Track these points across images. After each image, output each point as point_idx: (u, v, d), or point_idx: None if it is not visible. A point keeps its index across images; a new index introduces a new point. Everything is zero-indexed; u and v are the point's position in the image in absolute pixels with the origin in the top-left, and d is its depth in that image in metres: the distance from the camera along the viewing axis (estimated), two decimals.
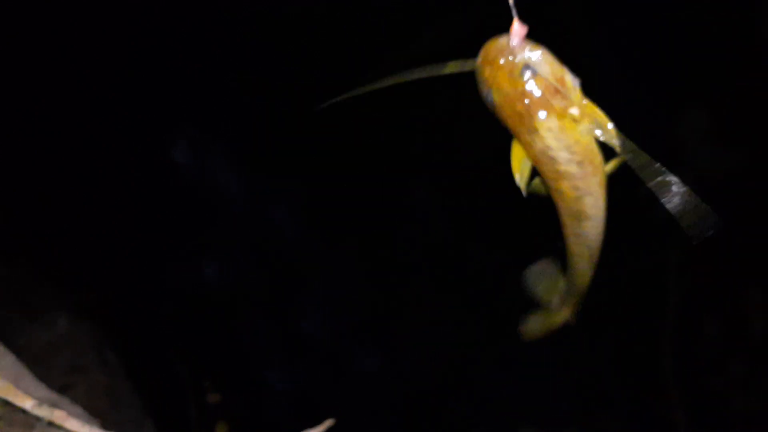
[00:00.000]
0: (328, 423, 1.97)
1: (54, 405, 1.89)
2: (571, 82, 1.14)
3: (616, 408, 4.16)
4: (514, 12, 1.08)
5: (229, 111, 4.92)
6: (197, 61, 4.71)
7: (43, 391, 2.13)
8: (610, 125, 1.16)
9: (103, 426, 2.02)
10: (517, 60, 1.10)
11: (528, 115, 1.14)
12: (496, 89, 1.14)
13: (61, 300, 3.95)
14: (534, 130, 1.16)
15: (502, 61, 1.11)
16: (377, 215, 4.68)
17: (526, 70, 1.10)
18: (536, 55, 1.10)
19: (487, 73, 1.14)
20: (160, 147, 4.86)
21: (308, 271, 4.87)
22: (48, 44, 4.31)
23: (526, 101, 1.12)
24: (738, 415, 3.80)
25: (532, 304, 1.83)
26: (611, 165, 1.26)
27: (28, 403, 1.83)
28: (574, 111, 1.14)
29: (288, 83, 4.73)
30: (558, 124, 1.14)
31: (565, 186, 1.24)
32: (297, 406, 4.61)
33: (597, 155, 1.22)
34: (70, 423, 1.86)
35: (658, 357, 3.74)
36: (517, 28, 1.09)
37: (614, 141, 1.17)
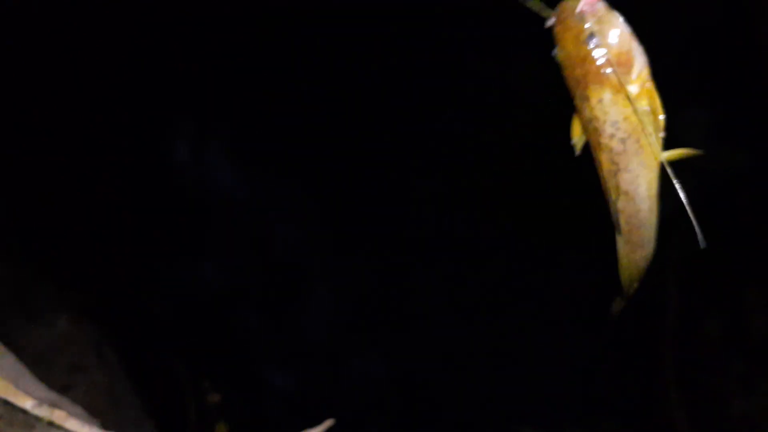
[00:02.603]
0: (328, 423, 1.97)
1: (54, 405, 1.89)
2: (638, 60, 1.14)
3: (617, 408, 4.17)
4: None
5: (228, 109, 4.93)
6: (195, 60, 4.72)
7: (43, 391, 2.13)
8: (661, 116, 1.16)
9: (103, 426, 2.02)
10: (587, 25, 1.09)
11: (584, 82, 1.14)
12: (562, 48, 1.15)
13: (61, 300, 3.95)
14: (585, 98, 1.16)
15: (572, 22, 1.10)
16: (378, 215, 4.69)
17: (591, 38, 1.10)
18: (608, 25, 1.10)
19: (558, 31, 1.13)
20: (159, 147, 4.87)
21: (308, 270, 4.88)
22: (46, 43, 4.32)
23: (585, 68, 1.11)
24: (738, 416, 3.81)
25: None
26: (673, 153, 1.26)
27: (28, 403, 1.83)
28: (632, 89, 1.14)
29: (287, 82, 4.75)
30: (610, 98, 1.15)
31: (604, 158, 1.24)
32: (297, 406, 4.62)
33: (655, 142, 1.23)
34: (71, 423, 1.86)
35: (659, 357, 3.76)
36: None
37: (659, 133, 1.18)
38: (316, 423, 1.96)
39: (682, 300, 3.67)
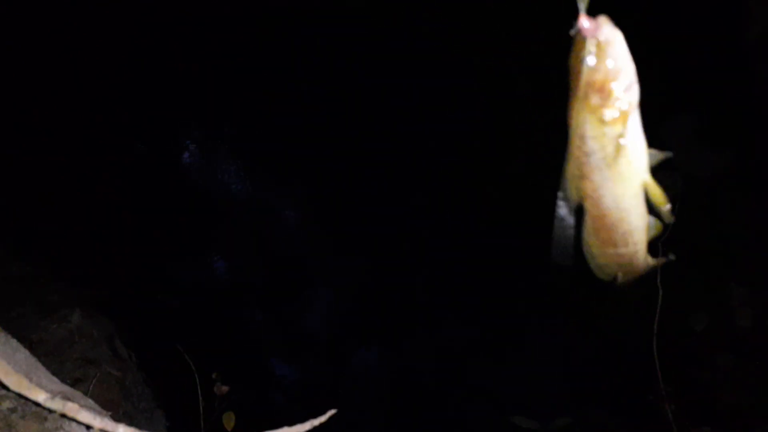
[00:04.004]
0: (331, 413, 2.02)
1: (66, 398, 1.91)
2: (624, 89, 1.22)
3: (607, 400, 4.23)
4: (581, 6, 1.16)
5: (235, 112, 5.00)
6: (204, 64, 4.79)
7: (56, 384, 2.17)
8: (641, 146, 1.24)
9: (114, 417, 2.06)
10: (588, 45, 1.18)
11: (574, 92, 1.23)
12: (571, 55, 1.22)
13: (73, 296, 4.06)
14: (571, 106, 1.25)
15: (582, 39, 1.18)
16: (379, 215, 4.76)
17: (587, 58, 1.18)
18: (604, 51, 1.18)
19: (575, 39, 1.20)
20: (168, 148, 4.95)
21: (312, 267, 4.97)
22: (47, 43, 4.40)
23: (575, 82, 1.21)
24: (725, 407, 3.87)
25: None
26: (654, 226, 1.36)
27: (41, 396, 1.86)
28: (607, 113, 1.22)
29: (288, 82, 4.82)
30: (587, 116, 1.23)
31: (571, 163, 1.31)
32: (301, 397, 4.72)
33: (624, 163, 1.28)
34: (82, 415, 1.88)
35: (648, 351, 3.80)
36: (600, 20, 1.15)
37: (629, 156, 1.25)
38: (319, 413, 2.00)
39: (669, 295, 3.72)
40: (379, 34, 4.54)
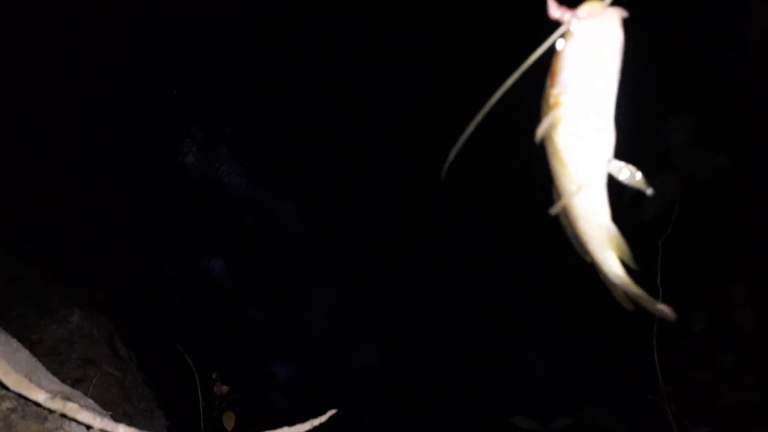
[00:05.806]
0: (331, 413, 2.03)
1: (67, 398, 1.91)
2: (564, 78, 1.15)
3: (607, 400, 4.24)
4: None
5: (235, 112, 5.01)
6: (204, 64, 4.80)
7: (56, 384, 2.18)
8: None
9: (114, 417, 2.06)
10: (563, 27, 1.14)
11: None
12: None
13: (73, 296, 4.07)
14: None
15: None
16: (379, 214, 4.77)
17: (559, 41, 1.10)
18: (572, 35, 1.13)
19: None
20: (168, 148, 4.96)
21: (312, 267, 4.98)
22: (47, 43, 4.41)
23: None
24: (725, 407, 3.88)
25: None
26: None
27: (41, 396, 1.86)
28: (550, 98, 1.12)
29: (288, 82, 4.83)
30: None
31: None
32: (301, 397, 4.73)
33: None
34: (82, 415, 1.89)
35: (647, 351, 3.81)
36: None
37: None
38: (319, 413, 2.01)
39: (669, 294, 3.73)
40: (379, 34, 4.55)
